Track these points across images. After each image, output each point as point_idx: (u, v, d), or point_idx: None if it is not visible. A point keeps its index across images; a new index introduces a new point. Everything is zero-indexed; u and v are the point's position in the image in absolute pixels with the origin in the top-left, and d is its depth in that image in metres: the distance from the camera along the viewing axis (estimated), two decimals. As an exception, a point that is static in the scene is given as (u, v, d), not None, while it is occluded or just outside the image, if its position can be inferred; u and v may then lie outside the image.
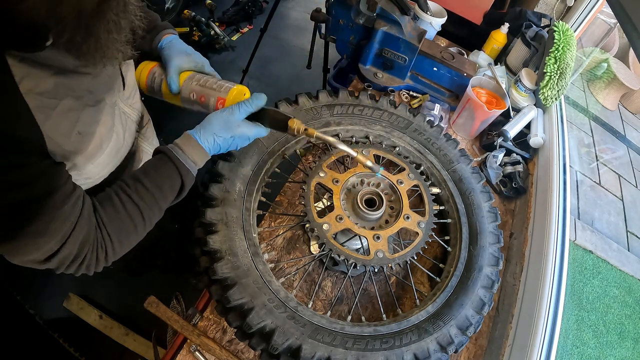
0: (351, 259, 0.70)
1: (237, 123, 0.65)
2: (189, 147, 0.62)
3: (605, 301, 1.60)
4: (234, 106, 0.66)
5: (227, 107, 0.67)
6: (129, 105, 0.73)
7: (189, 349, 0.71)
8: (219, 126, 0.64)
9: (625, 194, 2.13)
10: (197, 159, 0.63)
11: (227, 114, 0.65)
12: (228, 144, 0.65)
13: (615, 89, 2.70)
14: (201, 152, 0.63)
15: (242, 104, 0.66)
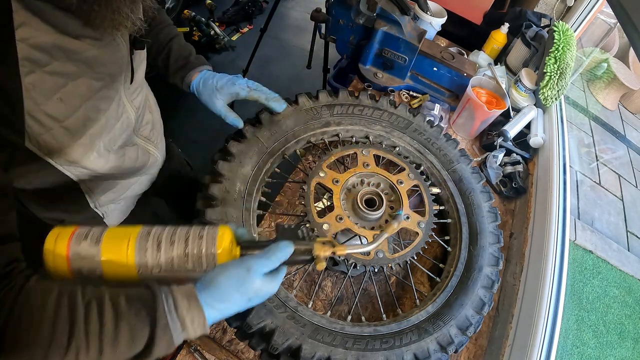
0: (351, 259, 0.70)
1: (255, 284, 0.48)
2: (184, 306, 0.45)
3: (605, 301, 1.60)
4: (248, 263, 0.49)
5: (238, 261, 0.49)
6: (130, 101, 0.67)
7: (189, 349, 0.71)
8: (233, 291, 0.47)
9: (625, 194, 2.13)
10: (189, 323, 0.45)
11: (239, 274, 0.48)
12: (242, 308, 0.50)
13: (615, 89, 2.70)
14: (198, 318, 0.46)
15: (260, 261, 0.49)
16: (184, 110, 2.30)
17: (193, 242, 0.50)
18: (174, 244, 0.50)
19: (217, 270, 0.49)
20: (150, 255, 0.49)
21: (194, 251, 0.50)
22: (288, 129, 0.87)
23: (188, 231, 0.51)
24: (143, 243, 0.49)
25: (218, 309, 0.47)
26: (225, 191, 0.73)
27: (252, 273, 0.48)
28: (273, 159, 0.85)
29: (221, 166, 0.76)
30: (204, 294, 0.47)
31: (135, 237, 0.50)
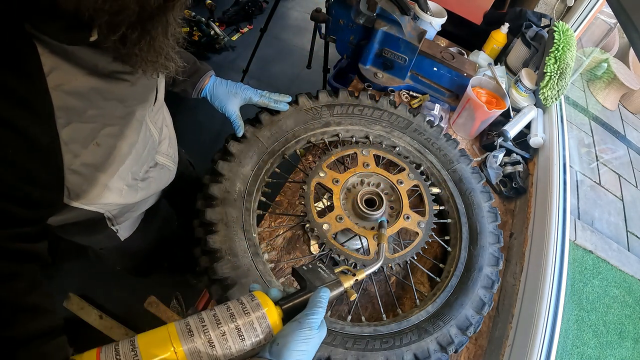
0: (351, 259, 0.70)
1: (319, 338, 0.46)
2: None
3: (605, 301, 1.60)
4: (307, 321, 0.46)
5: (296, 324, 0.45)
6: (154, 122, 0.65)
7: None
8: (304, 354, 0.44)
9: (625, 194, 2.13)
10: None
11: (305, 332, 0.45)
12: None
13: (615, 89, 2.70)
14: None
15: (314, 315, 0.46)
16: (184, 110, 2.30)
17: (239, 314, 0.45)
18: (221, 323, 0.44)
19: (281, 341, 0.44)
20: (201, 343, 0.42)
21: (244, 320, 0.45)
22: (288, 129, 0.87)
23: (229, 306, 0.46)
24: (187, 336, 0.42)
25: None
26: (225, 191, 0.73)
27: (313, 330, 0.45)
28: (273, 159, 0.85)
29: (221, 166, 0.76)
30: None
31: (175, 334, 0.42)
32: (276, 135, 0.85)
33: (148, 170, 0.68)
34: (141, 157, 0.62)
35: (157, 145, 0.70)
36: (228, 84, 0.84)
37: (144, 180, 0.66)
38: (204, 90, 0.84)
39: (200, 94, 0.84)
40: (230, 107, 0.83)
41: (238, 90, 0.84)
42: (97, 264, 1.66)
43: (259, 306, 0.46)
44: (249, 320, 0.45)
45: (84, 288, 1.59)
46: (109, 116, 0.48)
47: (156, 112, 0.66)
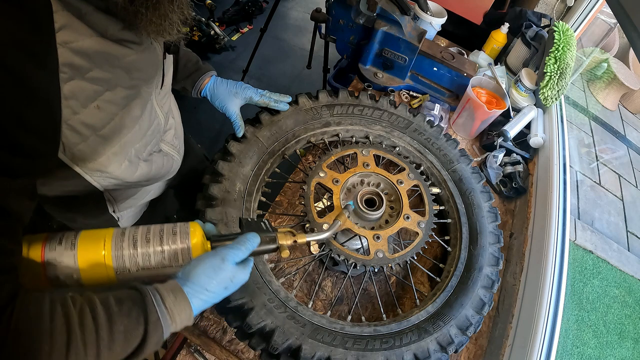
0: (351, 259, 0.70)
1: (229, 273, 0.51)
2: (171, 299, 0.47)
3: (605, 301, 1.60)
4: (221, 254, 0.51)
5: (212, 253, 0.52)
6: (160, 105, 0.67)
7: (189, 349, 0.71)
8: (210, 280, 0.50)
9: (625, 194, 2.13)
10: (177, 315, 0.47)
11: (215, 265, 0.50)
12: (220, 297, 0.52)
13: (615, 89, 2.70)
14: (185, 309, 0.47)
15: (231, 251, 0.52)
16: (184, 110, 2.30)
17: (168, 239, 0.53)
18: (150, 242, 0.52)
19: (194, 262, 0.51)
20: (128, 255, 0.50)
21: (170, 247, 0.52)
22: (288, 129, 0.87)
23: (162, 229, 0.53)
24: (119, 243, 0.50)
25: (200, 299, 0.49)
26: (225, 191, 0.73)
27: (226, 262, 0.51)
28: (273, 159, 0.85)
29: (221, 166, 0.76)
30: (186, 287, 0.49)
31: (111, 237, 0.50)
32: (276, 135, 0.85)
33: (152, 154, 0.69)
34: (145, 136, 0.63)
35: (163, 130, 0.71)
36: (228, 83, 0.84)
37: (146, 161, 0.66)
38: (204, 90, 0.84)
39: (200, 93, 0.85)
40: (231, 107, 0.83)
41: (238, 90, 0.84)
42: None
43: (188, 237, 0.53)
44: (174, 249, 0.52)
45: (84, 288, 1.59)
46: (112, 82, 0.50)
47: (163, 96, 0.67)
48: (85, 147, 0.51)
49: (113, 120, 0.53)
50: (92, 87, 0.47)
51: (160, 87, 0.64)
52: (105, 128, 0.52)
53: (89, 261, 0.48)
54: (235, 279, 0.52)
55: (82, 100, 0.46)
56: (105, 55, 0.47)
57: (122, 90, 0.52)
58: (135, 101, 0.55)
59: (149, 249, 0.51)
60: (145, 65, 0.55)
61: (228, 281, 0.51)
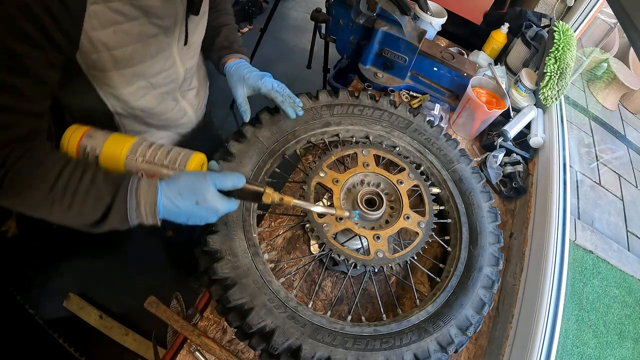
0: (351, 259, 0.70)
1: (206, 190, 0.56)
2: (144, 189, 0.55)
3: (605, 301, 1.60)
4: (207, 173, 0.58)
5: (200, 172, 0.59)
6: (182, 60, 0.74)
7: (189, 349, 0.71)
8: (185, 187, 0.56)
9: (625, 194, 2.13)
10: (143, 204, 0.54)
11: (198, 177, 0.57)
12: (189, 210, 0.56)
13: (615, 89, 2.70)
14: (151, 202, 0.54)
15: (217, 175, 0.58)
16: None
17: (175, 150, 0.64)
18: (161, 148, 0.64)
19: (181, 172, 0.60)
20: (141, 148, 0.63)
21: (174, 154, 0.64)
22: (288, 129, 0.87)
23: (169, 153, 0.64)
24: (140, 140, 0.64)
25: (169, 198, 0.55)
26: (225, 191, 0.73)
27: (207, 180, 0.57)
28: (273, 159, 0.85)
29: (221, 167, 0.76)
30: (163, 186, 0.56)
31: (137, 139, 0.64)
32: (276, 135, 0.85)
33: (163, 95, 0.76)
34: (158, 76, 0.71)
35: (181, 83, 0.78)
36: (245, 69, 0.84)
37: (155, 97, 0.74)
38: (226, 67, 0.87)
39: (223, 69, 0.87)
40: (240, 92, 0.84)
41: (250, 77, 0.83)
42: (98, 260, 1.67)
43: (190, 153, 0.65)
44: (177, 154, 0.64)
45: (84, 288, 1.59)
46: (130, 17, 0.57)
47: (187, 54, 0.75)
48: (97, 59, 0.59)
49: (125, 47, 0.60)
50: (112, 15, 0.55)
51: (184, 43, 0.71)
52: (118, 50, 0.60)
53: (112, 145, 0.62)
54: (210, 201, 0.56)
55: (102, 22, 0.55)
56: None
57: (139, 26, 0.59)
58: (151, 41, 0.63)
59: (157, 150, 0.63)
60: (163, 14, 0.62)
61: (201, 197, 0.56)
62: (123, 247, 1.71)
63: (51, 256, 1.64)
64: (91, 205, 0.53)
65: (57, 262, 1.64)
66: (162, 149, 0.64)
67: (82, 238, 0.61)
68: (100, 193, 0.53)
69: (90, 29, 0.54)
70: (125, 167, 0.62)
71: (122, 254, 1.70)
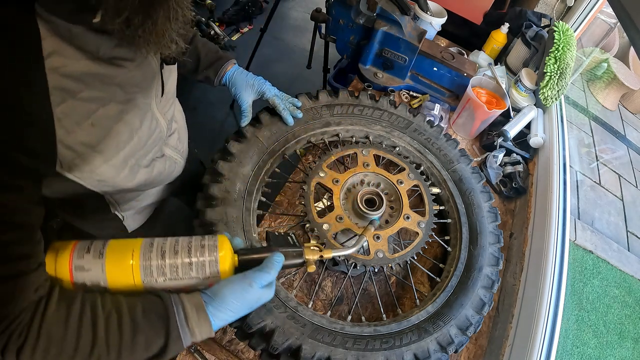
0: (351, 259, 0.70)
1: (257, 295, 0.53)
2: (194, 318, 0.49)
3: (605, 301, 1.60)
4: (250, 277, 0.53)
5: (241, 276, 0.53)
6: (162, 113, 0.66)
7: (189, 349, 0.71)
8: (237, 302, 0.52)
9: (625, 194, 2.13)
10: (198, 333, 0.49)
11: (243, 287, 0.52)
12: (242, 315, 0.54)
13: (615, 89, 2.70)
14: (206, 328, 0.50)
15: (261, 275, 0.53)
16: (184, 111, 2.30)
17: (196, 251, 0.53)
18: (178, 254, 0.52)
19: (223, 283, 0.53)
20: (155, 266, 0.50)
21: (198, 259, 0.52)
22: (288, 129, 0.87)
23: (190, 241, 0.54)
24: (147, 254, 0.51)
25: (222, 319, 0.51)
26: (225, 191, 0.73)
27: (254, 286, 0.52)
28: (273, 159, 0.85)
29: (221, 166, 0.76)
30: (211, 306, 0.50)
31: (139, 248, 0.51)
32: (276, 135, 0.85)
33: (154, 160, 0.69)
34: (146, 145, 0.62)
35: (165, 137, 0.70)
36: (248, 75, 0.87)
37: (147, 167, 0.66)
38: (225, 77, 0.86)
39: (221, 80, 0.87)
40: (244, 97, 0.85)
41: (255, 83, 0.86)
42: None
43: (216, 250, 0.53)
44: (202, 260, 0.52)
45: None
46: (106, 99, 0.50)
47: (165, 104, 0.67)
48: (82, 162, 0.51)
49: (109, 135, 0.52)
50: (85, 106, 0.47)
51: (160, 95, 0.64)
52: (102, 144, 0.52)
53: (116, 271, 0.49)
54: (261, 300, 0.54)
55: (76, 120, 0.47)
56: (97, 75, 0.47)
57: (117, 105, 0.52)
58: (132, 113, 0.55)
59: (177, 260, 0.51)
60: (140, 80, 0.55)
61: (254, 302, 0.53)
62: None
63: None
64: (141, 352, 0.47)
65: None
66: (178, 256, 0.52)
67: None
68: (148, 338, 0.47)
69: (65, 135, 0.46)
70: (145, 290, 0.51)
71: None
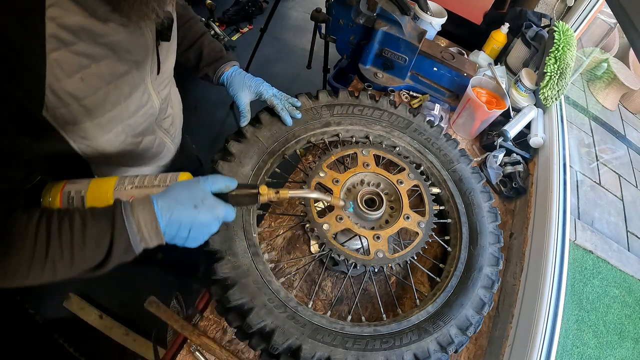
0: (351, 259, 0.70)
1: (202, 192, 0.56)
2: (140, 208, 0.52)
3: (605, 301, 1.60)
4: (198, 178, 0.57)
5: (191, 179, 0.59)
6: (157, 91, 0.69)
7: (189, 349, 0.71)
8: (182, 194, 0.54)
9: (625, 194, 2.13)
10: (143, 225, 0.52)
11: (190, 183, 0.56)
12: (190, 218, 0.54)
13: (615, 89, 2.70)
14: (151, 219, 0.52)
15: (209, 178, 0.57)
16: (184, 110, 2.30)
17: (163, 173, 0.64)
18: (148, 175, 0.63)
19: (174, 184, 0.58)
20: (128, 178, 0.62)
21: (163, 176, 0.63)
22: (288, 129, 0.87)
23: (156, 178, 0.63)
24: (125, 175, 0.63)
25: (167, 209, 0.53)
26: (225, 191, 0.73)
27: (200, 183, 0.56)
28: (273, 159, 0.85)
29: (221, 166, 0.76)
30: (159, 200, 0.54)
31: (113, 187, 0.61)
32: (276, 135, 0.85)
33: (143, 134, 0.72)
34: (135, 116, 0.65)
35: (157, 115, 0.73)
36: (246, 76, 0.88)
37: (134, 138, 0.69)
38: (223, 77, 0.87)
39: (219, 80, 0.88)
40: (242, 97, 0.85)
41: (252, 84, 0.87)
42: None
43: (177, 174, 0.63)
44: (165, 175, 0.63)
45: (84, 288, 1.59)
46: (98, 58, 0.53)
47: (161, 83, 0.70)
48: (67, 113, 0.54)
49: (96, 94, 0.55)
50: (77, 59, 0.50)
51: (156, 73, 0.67)
52: (88, 99, 0.54)
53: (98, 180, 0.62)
54: (208, 202, 0.56)
55: (66, 71, 0.50)
56: (90, 32, 0.50)
57: (108, 66, 0.55)
58: (123, 80, 0.58)
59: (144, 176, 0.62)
60: (132, 47, 0.57)
61: (199, 200, 0.55)
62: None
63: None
64: (92, 248, 0.50)
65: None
66: (149, 175, 0.63)
67: None
68: (97, 232, 0.50)
69: (54, 81, 0.49)
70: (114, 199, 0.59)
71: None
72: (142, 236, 0.52)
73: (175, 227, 0.54)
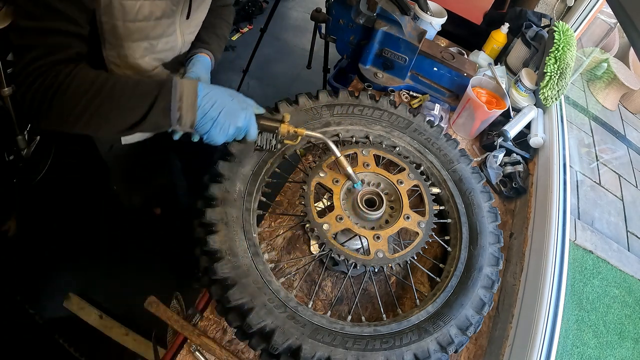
0: (351, 259, 0.70)
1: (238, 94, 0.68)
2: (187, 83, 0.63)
3: (605, 301, 1.60)
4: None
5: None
6: (182, 33, 0.79)
7: (189, 349, 0.71)
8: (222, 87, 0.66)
9: (625, 194, 2.13)
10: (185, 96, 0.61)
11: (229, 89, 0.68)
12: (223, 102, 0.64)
13: (615, 89, 2.70)
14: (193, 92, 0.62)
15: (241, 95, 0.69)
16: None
17: None
18: None
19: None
20: None
21: None
22: (288, 129, 0.87)
23: None
24: None
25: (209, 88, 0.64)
26: (225, 191, 0.73)
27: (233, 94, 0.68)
28: (273, 159, 0.85)
29: (221, 166, 0.75)
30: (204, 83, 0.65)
31: None
32: (276, 135, 0.85)
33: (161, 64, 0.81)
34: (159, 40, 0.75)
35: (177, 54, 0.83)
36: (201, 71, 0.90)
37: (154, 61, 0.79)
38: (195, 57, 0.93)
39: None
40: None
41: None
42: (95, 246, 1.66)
43: None
44: None
45: (84, 288, 1.59)
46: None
47: (188, 27, 0.80)
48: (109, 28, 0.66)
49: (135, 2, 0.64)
50: None
51: (186, 16, 0.76)
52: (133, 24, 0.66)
53: None
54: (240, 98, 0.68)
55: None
56: None
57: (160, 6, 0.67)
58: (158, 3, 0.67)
59: None
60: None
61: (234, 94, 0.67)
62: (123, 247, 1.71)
63: (51, 256, 1.64)
64: (137, 99, 0.60)
65: (57, 262, 1.64)
66: None
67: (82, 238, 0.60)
68: (146, 88, 0.60)
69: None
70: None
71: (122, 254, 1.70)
72: (181, 105, 0.61)
73: (210, 103, 0.63)
